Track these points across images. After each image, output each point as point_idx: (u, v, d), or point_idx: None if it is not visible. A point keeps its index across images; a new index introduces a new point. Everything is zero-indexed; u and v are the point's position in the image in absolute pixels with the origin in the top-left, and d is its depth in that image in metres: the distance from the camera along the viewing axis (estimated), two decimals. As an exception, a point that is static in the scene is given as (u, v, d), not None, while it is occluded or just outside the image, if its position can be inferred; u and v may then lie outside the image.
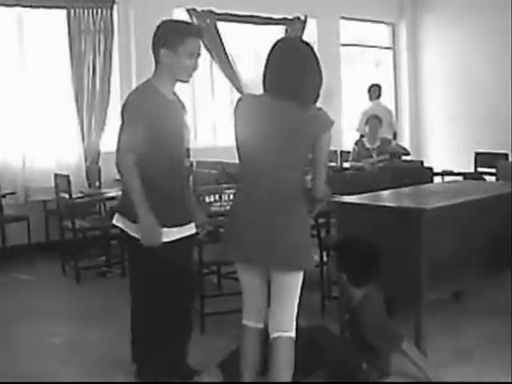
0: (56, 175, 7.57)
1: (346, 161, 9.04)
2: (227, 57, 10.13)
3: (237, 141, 3.58)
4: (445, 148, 11.86)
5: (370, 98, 10.90)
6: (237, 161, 3.61)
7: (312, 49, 3.65)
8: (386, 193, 5.74)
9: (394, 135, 10.89)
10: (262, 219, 3.47)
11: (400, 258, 4.62)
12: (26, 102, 8.47)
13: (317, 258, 3.88)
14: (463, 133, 11.57)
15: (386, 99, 12.19)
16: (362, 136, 9.93)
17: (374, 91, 10.90)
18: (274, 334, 3.57)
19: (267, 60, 3.57)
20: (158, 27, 3.90)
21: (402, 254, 4.61)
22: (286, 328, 3.56)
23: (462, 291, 5.65)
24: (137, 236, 3.73)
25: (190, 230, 3.97)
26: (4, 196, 8.15)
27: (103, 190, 8.22)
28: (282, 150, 3.46)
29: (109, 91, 9.08)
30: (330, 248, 4.90)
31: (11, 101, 8.50)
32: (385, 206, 5.18)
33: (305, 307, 3.72)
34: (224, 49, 10.11)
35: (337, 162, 9.78)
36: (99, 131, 9.02)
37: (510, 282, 5.60)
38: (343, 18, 11.85)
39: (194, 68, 3.83)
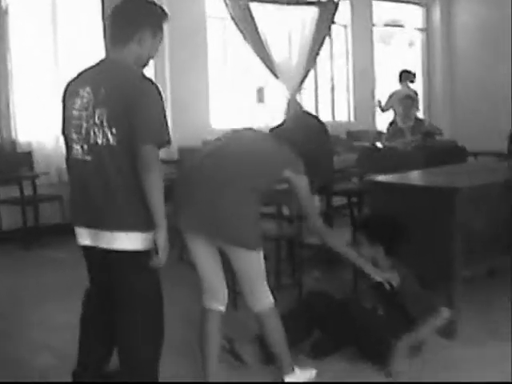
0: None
1: (379, 141, 9.00)
2: (260, 38, 10.06)
3: None
4: (479, 128, 11.74)
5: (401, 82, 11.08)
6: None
7: None
8: (418, 172, 5.72)
9: None
10: (208, 195, 3.57)
11: (433, 236, 4.62)
12: (58, 82, 8.51)
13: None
14: (497, 113, 11.45)
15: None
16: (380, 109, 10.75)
17: (405, 77, 11.02)
18: (253, 311, 3.75)
19: None
20: (133, 3, 3.45)
21: (434, 233, 4.60)
22: (260, 303, 3.70)
23: (497, 269, 5.59)
24: (144, 248, 3.27)
25: None
26: (38, 176, 8.22)
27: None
28: None
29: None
30: (360, 225, 4.90)
31: (44, 81, 8.58)
32: (418, 186, 5.17)
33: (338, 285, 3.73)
34: (257, 30, 10.01)
35: (369, 141, 9.75)
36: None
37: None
38: (376, -1, 11.77)
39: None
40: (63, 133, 3.52)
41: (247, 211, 3.61)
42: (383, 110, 10.89)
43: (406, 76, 11.00)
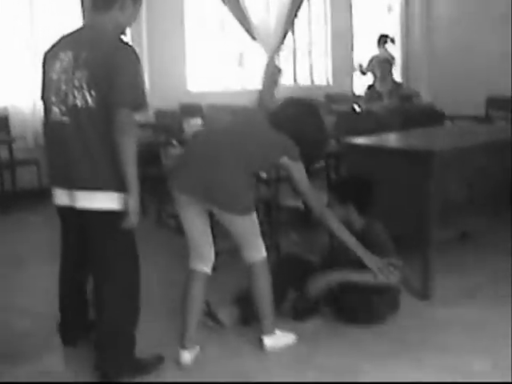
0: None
1: (356, 103, 9.03)
2: (238, 0, 9.89)
3: None
4: (456, 92, 11.76)
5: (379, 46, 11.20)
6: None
7: None
8: (395, 134, 5.74)
9: None
10: (206, 165, 3.66)
11: (409, 198, 4.65)
12: (34, 46, 8.43)
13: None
14: (475, 78, 11.47)
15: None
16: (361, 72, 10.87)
17: (383, 41, 11.20)
18: (247, 262, 3.86)
19: None
20: None
21: (410, 195, 4.63)
22: (254, 255, 3.82)
23: (470, 231, 5.66)
24: (119, 208, 3.34)
25: None
26: (14, 140, 8.16)
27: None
28: None
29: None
30: (332, 186, 4.97)
31: (21, 46, 8.46)
32: (395, 148, 5.19)
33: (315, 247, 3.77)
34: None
35: (348, 104, 9.76)
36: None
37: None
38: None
39: None
40: (42, 97, 3.54)
41: (241, 182, 3.69)
42: (364, 74, 10.90)
43: (384, 40, 11.07)
